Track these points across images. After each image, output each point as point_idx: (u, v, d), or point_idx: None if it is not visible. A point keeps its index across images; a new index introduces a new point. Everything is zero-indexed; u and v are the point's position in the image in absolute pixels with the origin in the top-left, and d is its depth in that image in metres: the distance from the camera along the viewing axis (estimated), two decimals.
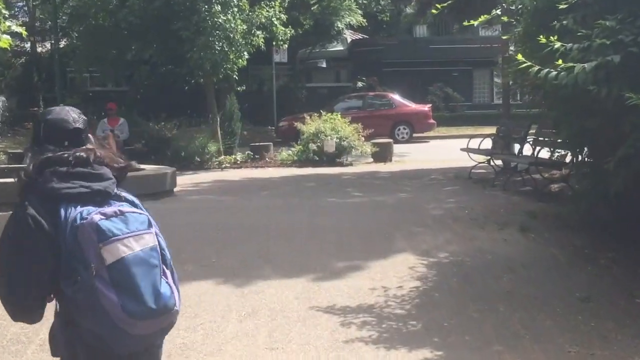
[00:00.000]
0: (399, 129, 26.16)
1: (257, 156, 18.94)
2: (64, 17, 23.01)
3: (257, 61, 26.38)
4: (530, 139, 12.45)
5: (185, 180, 15.04)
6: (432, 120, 26.78)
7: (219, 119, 19.44)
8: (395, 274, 7.39)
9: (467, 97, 33.86)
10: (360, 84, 31.92)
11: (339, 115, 19.22)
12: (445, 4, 9.06)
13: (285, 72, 33.55)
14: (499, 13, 7.38)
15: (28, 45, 36.46)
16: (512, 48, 10.45)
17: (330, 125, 18.54)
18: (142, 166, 13.43)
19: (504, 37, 8.69)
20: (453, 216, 9.93)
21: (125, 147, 17.60)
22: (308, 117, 19.28)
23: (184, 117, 20.59)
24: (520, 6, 7.01)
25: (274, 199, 11.93)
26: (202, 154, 18.23)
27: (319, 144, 18.13)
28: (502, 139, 13.92)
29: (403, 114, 26.40)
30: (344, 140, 18.22)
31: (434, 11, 9.04)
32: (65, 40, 27.64)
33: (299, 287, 6.99)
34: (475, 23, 7.80)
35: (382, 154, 18.83)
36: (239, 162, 18.61)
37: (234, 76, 19.22)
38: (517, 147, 14.19)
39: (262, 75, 32.83)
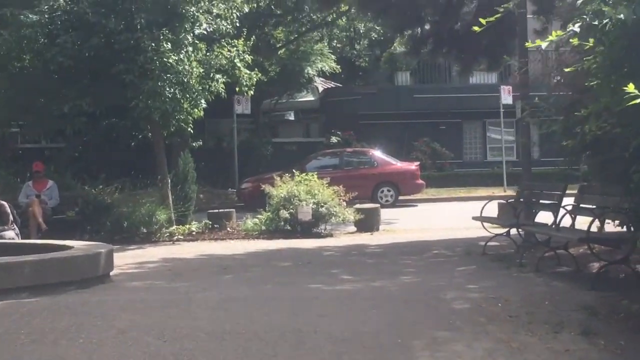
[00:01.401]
0: (382, 191, 24.92)
1: (216, 226, 17.38)
2: None
3: (216, 113, 25.61)
4: (566, 205, 10.74)
5: (126, 259, 13.20)
6: (420, 181, 25.59)
7: (169, 181, 17.64)
8: None
9: (457, 154, 32.66)
10: (334, 139, 30.71)
11: (315, 176, 17.53)
12: (493, 18, 7.27)
13: (248, 125, 32.70)
14: (577, 30, 5.64)
15: None
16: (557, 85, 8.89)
17: (304, 188, 17.11)
18: (70, 243, 11.49)
19: (566, 70, 6.91)
20: (484, 312, 8.04)
21: (54, 216, 15.95)
22: (278, 178, 17.75)
23: (127, 178, 18.69)
24: (606, 20, 5.26)
25: (241, 287, 9.99)
26: (149, 224, 16.62)
27: (291, 210, 16.61)
28: (525, 205, 12.17)
29: (387, 174, 25.15)
30: (322, 206, 16.71)
31: (483, 21, 7.20)
32: None
33: None
34: (544, 45, 6.05)
35: (368, 222, 17.45)
36: (194, 233, 16.95)
37: (189, 129, 17.75)
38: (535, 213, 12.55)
39: (221, 129, 32.02)
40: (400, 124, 31.95)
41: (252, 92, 18.49)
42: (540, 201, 11.91)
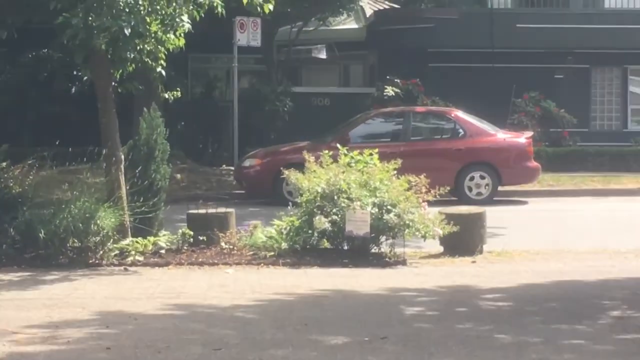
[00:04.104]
0: (473, 178, 23.00)
1: (201, 238, 14.95)
2: None
3: (206, 44, 25.58)
4: None
5: (32, 311, 10.69)
6: (534, 163, 23.72)
7: (123, 158, 15.38)
8: None
9: (582, 119, 30.87)
10: (390, 90, 28.96)
11: (376, 156, 15.36)
12: None
13: (255, 65, 31.96)
14: None
15: None
16: None
17: (357, 178, 14.79)
18: None
19: None
20: None
21: None
22: (309, 156, 15.46)
23: (55, 149, 17.05)
24: None
25: None
26: (85, 234, 14.46)
27: (335, 216, 14.29)
28: None
29: (481, 150, 23.41)
30: (389, 211, 14.29)
31: None
32: None
33: None
34: None
35: (463, 238, 15.12)
36: (163, 252, 14.70)
37: (159, 70, 15.61)
38: None
39: (214, 70, 31.81)
40: (494, 71, 30.21)
41: (270, 8, 16.01)
42: None
